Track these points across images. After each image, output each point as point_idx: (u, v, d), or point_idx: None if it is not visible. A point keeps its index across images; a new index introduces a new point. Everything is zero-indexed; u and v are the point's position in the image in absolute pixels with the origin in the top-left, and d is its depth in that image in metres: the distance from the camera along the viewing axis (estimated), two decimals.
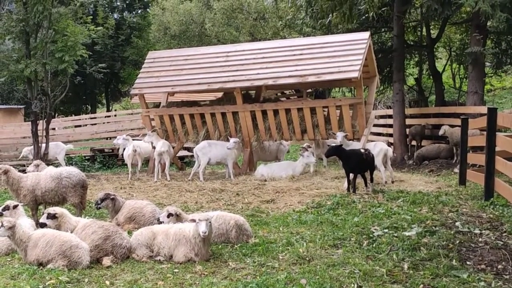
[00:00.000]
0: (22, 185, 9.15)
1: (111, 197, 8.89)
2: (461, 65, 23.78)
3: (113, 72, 36.26)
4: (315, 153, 14.32)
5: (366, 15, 11.38)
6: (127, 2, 41.59)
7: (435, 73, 21.06)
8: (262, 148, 15.73)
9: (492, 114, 9.29)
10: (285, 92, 23.73)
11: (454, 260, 6.20)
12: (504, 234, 7.20)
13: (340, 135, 12.94)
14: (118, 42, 37.09)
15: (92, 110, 40.47)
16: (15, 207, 8.32)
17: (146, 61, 17.04)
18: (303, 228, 8.21)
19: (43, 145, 16.93)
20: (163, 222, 7.71)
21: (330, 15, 15.67)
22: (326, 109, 14.56)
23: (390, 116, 19.71)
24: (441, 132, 16.29)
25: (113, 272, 6.56)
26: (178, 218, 7.74)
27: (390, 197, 10.17)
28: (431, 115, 19.02)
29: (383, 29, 21.12)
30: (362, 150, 11.27)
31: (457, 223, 7.78)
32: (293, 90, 23.53)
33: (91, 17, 19.75)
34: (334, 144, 11.87)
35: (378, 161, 11.87)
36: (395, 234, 7.36)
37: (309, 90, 22.57)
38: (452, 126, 16.00)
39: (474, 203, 9.37)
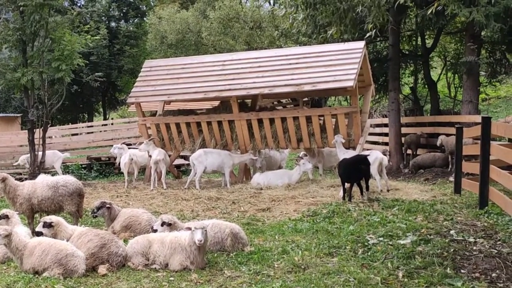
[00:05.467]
0: (18, 193, 9.15)
1: (107, 205, 8.91)
2: (456, 75, 23.86)
3: (110, 81, 36.35)
4: (311, 161, 14.40)
5: (369, 33, 11.54)
6: (123, 11, 41.71)
7: (430, 82, 21.14)
8: (269, 157, 15.84)
9: (486, 123, 9.33)
10: (281, 100, 23.80)
11: (448, 269, 6.23)
12: (498, 243, 7.22)
13: (337, 138, 13.14)
14: (114, 51, 37.18)
15: (89, 119, 40.46)
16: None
17: (142, 69, 17.10)
18: (298, 237, 8.23)
19: (40, 153, 16.94)
20: (157, 230, 7.73)
21: (333, 28, 15.82)
22: (322, 118, 14.62)
23: (385, 125, 19.77)
24: (438, 143, 16.34)
25: (109, 281, 6.56)
26: (172, 226, 7.75)
27: (385, 206, 10.19)
28: (426, 124, 19.07)
29: (378, 39, 21.22)
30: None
31: (452, 232, 7.81)
32: (289, 99, 23.59)
33: (88, 26, 19.84)
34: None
35: (373, 170, 11.91)
36: (390, 243, 7.38)
37: (305, 99, 22.64)
38: (447, 135, 16.07)
39: (469, 211, 9.41)
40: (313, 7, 15.63)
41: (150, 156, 15.24)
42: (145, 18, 41.90)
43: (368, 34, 12.81)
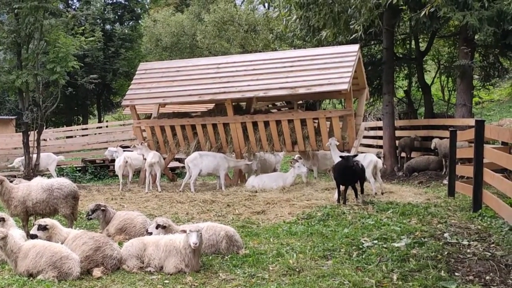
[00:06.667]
0: (13, 195, 9.10)
1: (102, 208, 8.90)
2: (450, 78, 23.98)
3: (105, 83, 36.35)
4: (306, 165, 14.43)
5: (355, 34, 11.66)
6: (118, 13, 41.73)
7: (424, 85, 21.24)
8: (263, 160, 15.86)
9: (480, 126, 9.39)
10: (276, 103, 23.84)
11: (442, 271, 6.26)
12: (492, 245, 7.27)
13: (332, 141, 13.15)
14: (109, 53, 37.19)
15: (83, 121, 40.44)
16: None
17: (137, 72, 17.08)
18: (293, 239, 8.25)
19: (34, 156, 16.91)
20: (152, 233, 7.73)
21: (326, 29, 15.87)
22: (316, 121, 14.65)
23: (380, 128, 19.83)
24: (432, 146, 16.40)
25: (104, 283, 6.56)
26: (166, 229, 7.76)
27: (379, 209, 10.23)
28: (420, 127, 19.16)
29: (372, 42, 21.31)
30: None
31: (446, 234, 7.86)
32: (284, 102, 23.65)
33: (83, 28, 19.86)
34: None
35: (368, 173, 11.94)
36: (385, 245, 7.41)
37: (300, 102, 22.69)
38: (441, 138, 16.14)
39: (463, 214, 9.45)
40: (307, 7, 15.73)
41: (145, 159, 15.24)
42: (140, 21, 41.97)
43: (354, 35, 12.89)
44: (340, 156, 11.78)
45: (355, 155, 11.72)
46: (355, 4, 13.37)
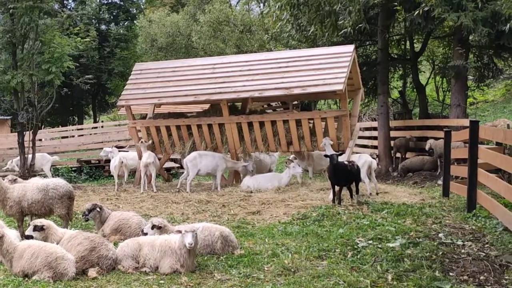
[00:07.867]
0: (8, 196, 9.06)
1: (99, 207, 8.90)
2: (444, 78, 24.04)
3: (100, 84, 36.30)
4: (301, 165, 14.45)
5: (345, 29, 11.74)
6: (113, 13, 41.68)
7: (419, 86, 21.29)
8: (259, 161, 15.87)
9: (474, 126, 9.43)
10: (271, 104, 23.86)
11: (437, 271, 6.29)
12: (486, 246, 7.31)
13: (326, 141, 13.15)
14: (104, 54, 37.15)
15: (79, 122, 40.38)
16: None
17: (133, 72, 17.06)
18: (288, 240, 8.26)
19: (30, 156, 16.87)
20: (147, 233, 7.74)
21: (313, 27, 15.92)
22: (311, 121, 14.67)
23: (375, 128, 19.86)
24: (427, 147, 16.43)
25: (99, 284, 6.56)
26: (162, 229, 7.76)
27: (374, 209, 10.25)
28: (415, 128, 19.20)
29: (367, 43, 21.35)
30: (347, 162, 11.36)
31: (440, 235, 7.89)
32: (279, 102, 23.67)
33: (78, 28, 19.84)
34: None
35: (362, 173, 11.97)
36: (379, 246, 7.44)
37: (295, 102, 22.71)
38: (436, 138, 16.18)
39: (457, 214, 9.49)
40: (297, 8, 15.83)
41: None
42: (135, 21, 41.90)
43: (343, 30, 12.88)
44: (325, 155, 11.81)
45: (341, 153, 11.75)
46: (344, 4, 13.50)
